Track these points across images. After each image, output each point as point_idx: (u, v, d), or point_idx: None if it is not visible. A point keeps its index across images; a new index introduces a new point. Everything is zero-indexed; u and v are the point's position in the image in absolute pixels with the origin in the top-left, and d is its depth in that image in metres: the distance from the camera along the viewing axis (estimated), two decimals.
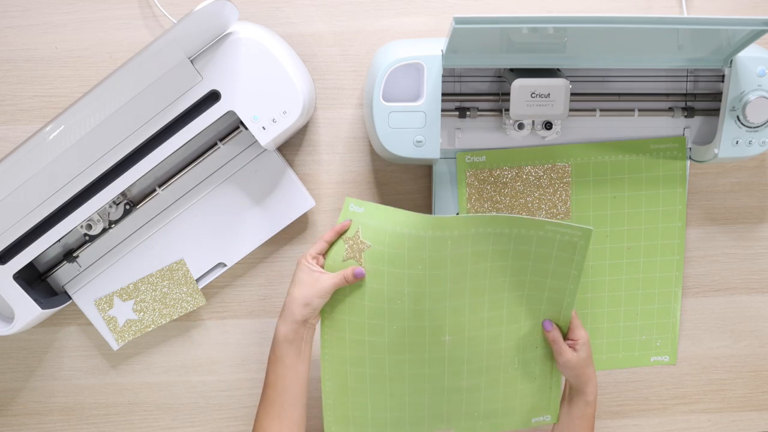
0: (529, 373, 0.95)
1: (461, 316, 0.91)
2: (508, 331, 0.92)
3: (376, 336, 0.92)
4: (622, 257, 1.01)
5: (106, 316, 1.01)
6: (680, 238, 1.01)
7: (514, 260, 0.89)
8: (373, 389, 0.94)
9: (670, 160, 0.99)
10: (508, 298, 0.91)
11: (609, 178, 0.99)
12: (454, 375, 0.94)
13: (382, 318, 0.91)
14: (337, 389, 0.94)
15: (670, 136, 0.99)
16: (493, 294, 0.91)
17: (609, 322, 1.04)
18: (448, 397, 0.95)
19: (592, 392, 0.92)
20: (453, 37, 0.82)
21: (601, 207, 1.00)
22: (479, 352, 0.93)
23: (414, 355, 0.93)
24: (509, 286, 0.90)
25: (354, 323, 0.92)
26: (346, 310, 0.91)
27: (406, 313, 0.90)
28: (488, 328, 0.92)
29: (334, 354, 0.93)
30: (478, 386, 0.95)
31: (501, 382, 0.95)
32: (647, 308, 1.04)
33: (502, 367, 0.94)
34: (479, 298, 0.91)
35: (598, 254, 1.01)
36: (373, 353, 0.93)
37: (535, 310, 0.91)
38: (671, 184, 1.00)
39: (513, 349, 0.93)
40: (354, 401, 0.95)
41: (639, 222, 1.00)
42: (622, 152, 0.98)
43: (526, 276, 0.89)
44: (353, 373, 0.93)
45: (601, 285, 1.02)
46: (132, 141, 0.89)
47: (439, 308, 0.90)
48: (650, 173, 0.99)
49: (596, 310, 1.03)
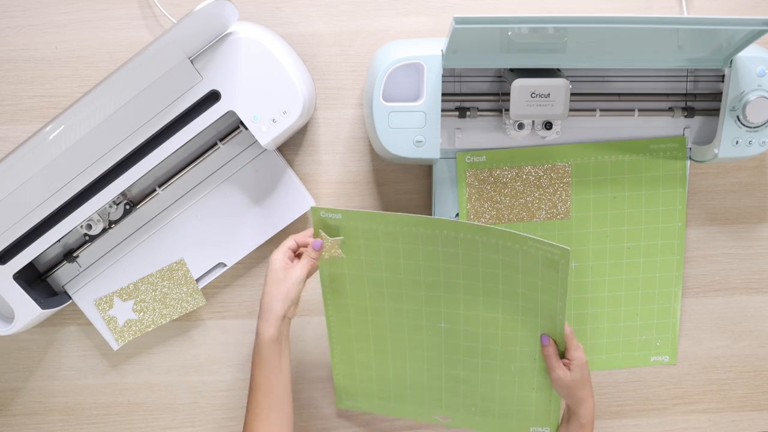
0: (526, 383, 0.95)
1: (456, 309, 0.93)
2: (504, 336, 0.93)
3: (378, 316, 0.95)
4: (622, 257, 1.01)
5: (106, 316, 1.01)
6: (680, 238, 1.01)
7: (505, 270, 0.89)
8: (378, 364, 0.99)
9: (670, 160, 0.99)
10: (503, 304, 0.91)
11: (609, 178, 0.99)
12: (451, 363, 0.96)
13: (382, 301, 0.94)
14: (344, 362, 0.99)
15: (670, 136, 0.99)
16: (487, 297, 0.91)
17: (609, 322, 1.04)
18: (446, 384, 0.98)
19: (585, 415, 0.91)
20: (453, 37, 0.82)
21: (601, 207, 1.00)
22: (475, 348, 0.94)
23: (413, 336, 0.95)
24: (503, 294, 0.91)
25: (356, 306, 0.95)
26: (348, 295, 0.94)
27: (404, 297, 0.93)
28: (484, 328, 0.93)
29: (340, 332, 0.98)
30: (474, 380, 0.96)
31: (497, 384, 0.96)
32: (647, 308, 1.04)
33: (498, 369, 0.95)
34: (473, 297, 0.92)
35: (598, 254, 1.01)
36: (376, 330, 0.96)
37: (530, 322, 0.91)
38: (671, 184, 1.00)
39: (509, 354, 0.93)
40: (360, 373, 1.00)
41: (639, 222, 1.00)
42: (622, 152, 0.98)
43: (518, 288, 0.89)
44: (358, 348, 0.98)
45: (601, 285, 1.02)
46: (132, 141, 0.89)
47: (434, 296, 0.92)
48: (650, 173, 0.99)
49: (596, 310, 1.03)
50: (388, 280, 0.92)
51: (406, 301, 0.94)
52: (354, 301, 0.95)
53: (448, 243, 0.88)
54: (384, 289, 0.93)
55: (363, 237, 0.90)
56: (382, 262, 0.91)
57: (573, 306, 1.02)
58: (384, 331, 0.96)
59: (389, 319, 0.95)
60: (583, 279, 1.02)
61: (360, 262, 0.92)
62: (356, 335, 0.98)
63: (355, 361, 1.00)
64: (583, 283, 1.02)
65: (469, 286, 0.91)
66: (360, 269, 0.92)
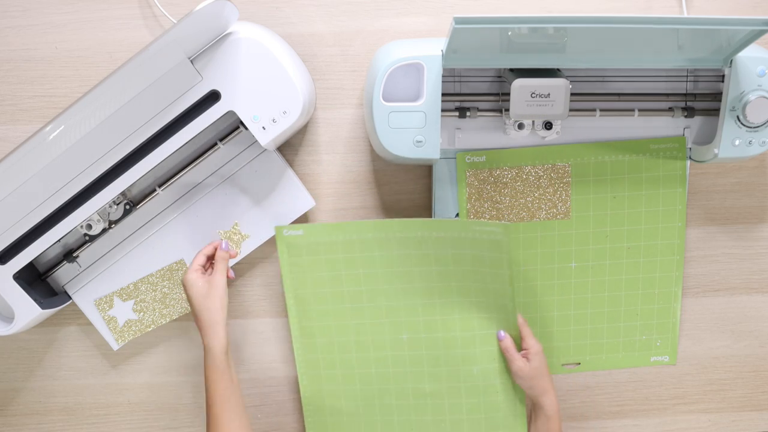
0: (490, 387, 0.96)
1: (415, 316, 0.96)
2: (463, 339, 0.95)
3: (343, 336, 0.98)
4: (622, 257, 1.01)
5: (106, 316, 1.01)
6: (680, 238, 1.01)
7: (455, 265, 0.91)
8: (346, 390, 1.00)
9: (670, 160, 0.99)
10: (459, 303, 0.93)
11: (609, 178, 0.99)
12: (417, 377, 0.98)
13: (345, 318, 0.97)
14: (314, 394, 1.01)
15: (670, 136, 0.99)
16: (444, 297, 0.94)
17: (609, 322, 1.04)
18: (414, 402, 0.99)
19: (550, 406, 0.92)
20: (453, 37, 0.82)
21: (601, 207, 1.00)
22: (437, 356, 0.97)
23: (378, 353, 0.98)
24: (457, 292, 0.93)
25: (322, 327, 0.98)
26: (314, 317, 0.98)
27: (366, 310, 0.96)
28: (443, 332, 0.95)
29: (308, 359, 0.99)
30: (440, 392, 0.98)
31: (462, 392, 0.97)
32: (647, 308, 1.04)
33: (461, 375, 0.96)
34: (430, 300, 0.95)
35: (598, 254, 1.01)
36: (342, 353, 0.98)
37: (486, 319, 0.93)
38: (671, 184, 1.00)
39: (469, 357, 0.95)
40: (330, 404, 1.01)
41: (639, 222, 1.00)
42: (622, 152, 0.98)
43: (470, 282, 0.91)
44: (327, 376, 1.00)
45: (601, 285, 1.02)
46: (132, 141, 0.89)
47: (393, 306, 0.96)
48: (650, 173, 0.99)
49: (596, 310, 1.03)
50: (350, 293, 0.95)
51: (369, 315, 0.96)
52: (319, 323, 0.98)
53: (402, 245, 0.92)
54: (347, 304, 0.96)
55: (324, 252, 0.94)
56: (343, 276, 0.95)
57: (573, 306, 1.03)
58: (350, 353, 0.98)
59: (354, 338, 0.97)
60: (583, 279, 1.02)
61: (322, 279, 0.95)
62: (324, 361, 0.99)
63: (324, 392, 1.01)
64: (584, 283, 1.02)
65: (425, 289, 0.93)
66: (323, 286, 0.96)
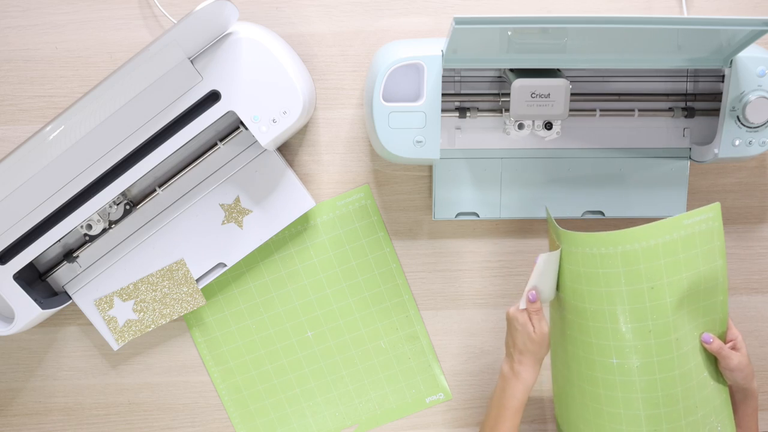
0: (401, 354, 1.05)
1: (313, 312, 1.04)
2: (363, 317, 1.05)
3: (253, 352, 1.05)
4: (671, 351, 0.85)
5: (106, 316, 1.01)
6: (723, 313, 0.88)
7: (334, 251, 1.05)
8: (273, 404, 1.07)
9: (707, 233, 0.84)
10: (347, 288, 1.04)
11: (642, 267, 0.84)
12: (332, 367, 1.06)
13: (250, 334, 1.05)
14: (243, 418, 1.08)
15: (702, 207, 0.83)
16: (332, 287, 1.04)
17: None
18: (337, 392, 1.06)
19: (754, 384, 0.89)
20: (453, 37, 0.82)
21: (638, 301, 0.85)
22: (344, 342, 1.05)
23: (290, 358, 1.06)
24: (342, 276, 1.05)
25: (231, 351, 1.05)
26: (220, 343, 1.05)
27: (267, 321, 1.04)
28: (342, 318, 1.04)
29: (228, 385, 1.06)
30: (358, 373, 1.06)
31: (378, 367, 1.06)
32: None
33: (372, 351, 1.05)
34: (322, 292, 1.04)
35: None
36: (258, 368, 1.06)
37: (363, 301, 1.05)
38: (710, 258, 0.85)
39: (375, 333, 1.04)
40: (263, 423, 1.08)
41: (681, 307, 0.85)
42: (655, 237, 0.84)
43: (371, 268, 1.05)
44: (250, 396, 1.07)
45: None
46: (132, 141, 0.89)
47: (289, 309, 1.04)
48: (688, 253, 0.84)
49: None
50: (255, 324, 1.04)
51: (270, 325, 1.05)
52: (228, 347, 1.04)
53: (286, 262, 1.03)
54: (248, 322, 1.04)
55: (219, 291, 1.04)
56: (244, 311, 1.03)
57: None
58: (264, 364, 1.05)
59: (263, 350, 1.05)
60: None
61: (226, 319, 1.04)
62: (243, 382, 1.06)
63: (252, 412, 1.07)
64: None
65: (314, 283, 1.03)
66: (229, 325, 1.04)
